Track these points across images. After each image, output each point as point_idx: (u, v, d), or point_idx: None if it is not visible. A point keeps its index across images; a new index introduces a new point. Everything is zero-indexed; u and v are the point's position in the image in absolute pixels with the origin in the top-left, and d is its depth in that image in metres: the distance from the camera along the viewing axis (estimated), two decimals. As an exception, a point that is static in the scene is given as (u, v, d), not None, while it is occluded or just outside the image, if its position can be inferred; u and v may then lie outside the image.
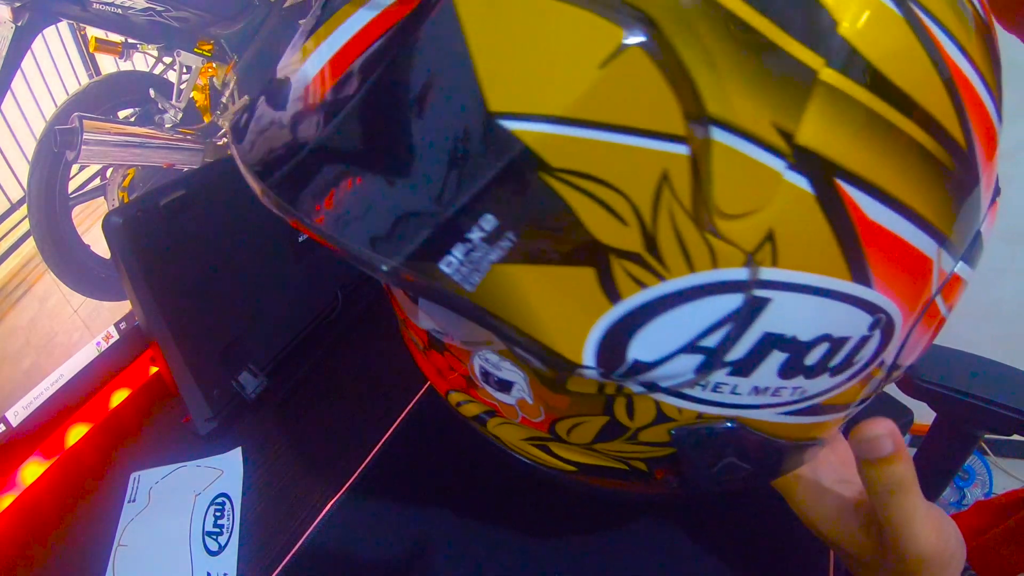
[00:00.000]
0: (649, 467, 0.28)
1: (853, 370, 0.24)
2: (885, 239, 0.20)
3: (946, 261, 0.23)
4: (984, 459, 1.27)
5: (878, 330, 0.23)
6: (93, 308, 0.55)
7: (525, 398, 0.27)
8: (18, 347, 0.49)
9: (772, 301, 0.20)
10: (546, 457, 0.29)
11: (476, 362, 0.26)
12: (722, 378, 0.22)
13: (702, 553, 0.40)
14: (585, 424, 0.26)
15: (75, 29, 0.52)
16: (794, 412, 0.25)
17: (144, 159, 0.59)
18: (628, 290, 0.19)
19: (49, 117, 0.50)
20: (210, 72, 0.65)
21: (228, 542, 0.42)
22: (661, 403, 0.24)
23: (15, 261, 0.49)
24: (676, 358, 0.21)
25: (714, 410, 0.24)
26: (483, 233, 0.17)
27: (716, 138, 0.17)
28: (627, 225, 0.18)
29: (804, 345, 0.22)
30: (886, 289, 0.22)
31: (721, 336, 0.20)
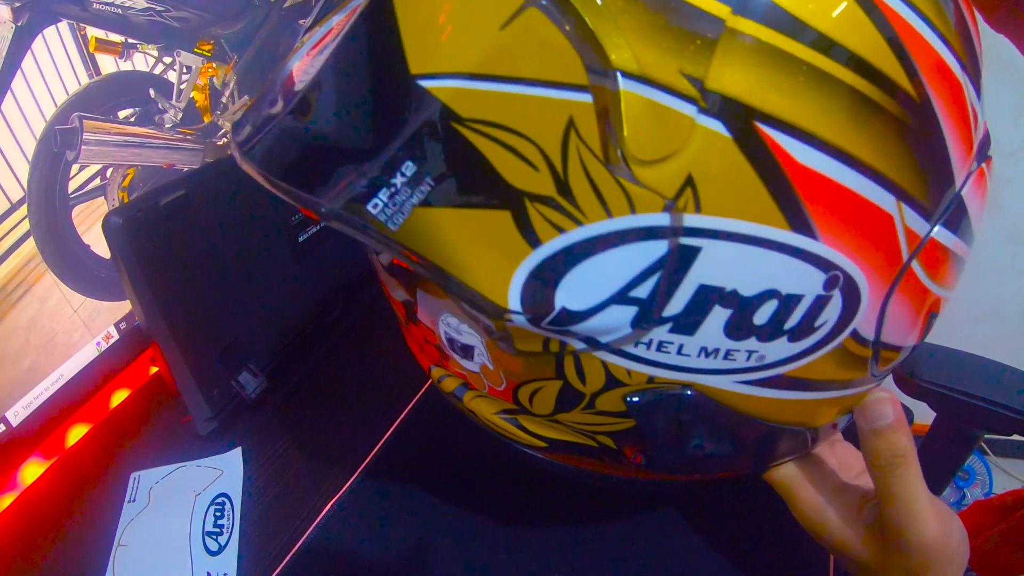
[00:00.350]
0: (617, 444, 0.28)
1: (817, 337, 0.23)
2: (824, 186, 0.20)
3: (914, 220, 0.22)
4: (984, 459, 1.27)
5: (837, 291, 0.22)
6: (93, 308, 0.55)
7: (486, 363, 0.28)
8: (18, 347, 0.49)
9: (703, 250, 0.20)
10: (518, 432, 0.30)
11: (441, 328, 0.28)
12: (665, 335, 0.22)
13: (703, 552, 0.40)
14: (543, 390, 0.27)
15: (75, 29, 0.52)
16: (758, 383, 0.24)
17: (144, 159, 0.59)
18: (546, 234, 0.20)
19: (49, 117, 0.50)
20: (210, 72, 0.65)
21: (228, 542, 0.42)
22: (608, 363, 0.24)
23: (15, 261, 0.49)
24: (607, 309, 0.21)
25: (665, 373, 0.24)
26: (404, 179, 0.19)
27: (623, 87, 0.18)
28: (537, 170, 0.19)
29: (748, 301, 0.21)
30: (838, 244, 0.21)
31: (651, 286, 0.21)
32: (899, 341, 0.26)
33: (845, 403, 0.28)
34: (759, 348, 0.23)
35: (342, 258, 0.63)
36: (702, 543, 0.41)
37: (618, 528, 0.42)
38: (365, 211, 0.19)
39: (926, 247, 0.23)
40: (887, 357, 0.27)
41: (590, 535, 0.41)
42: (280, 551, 0.41)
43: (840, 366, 0.25)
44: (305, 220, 0.57)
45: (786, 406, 0.26)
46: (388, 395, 0.54)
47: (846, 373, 0.26)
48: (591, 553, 0.40)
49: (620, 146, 0.19)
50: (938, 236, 0.24)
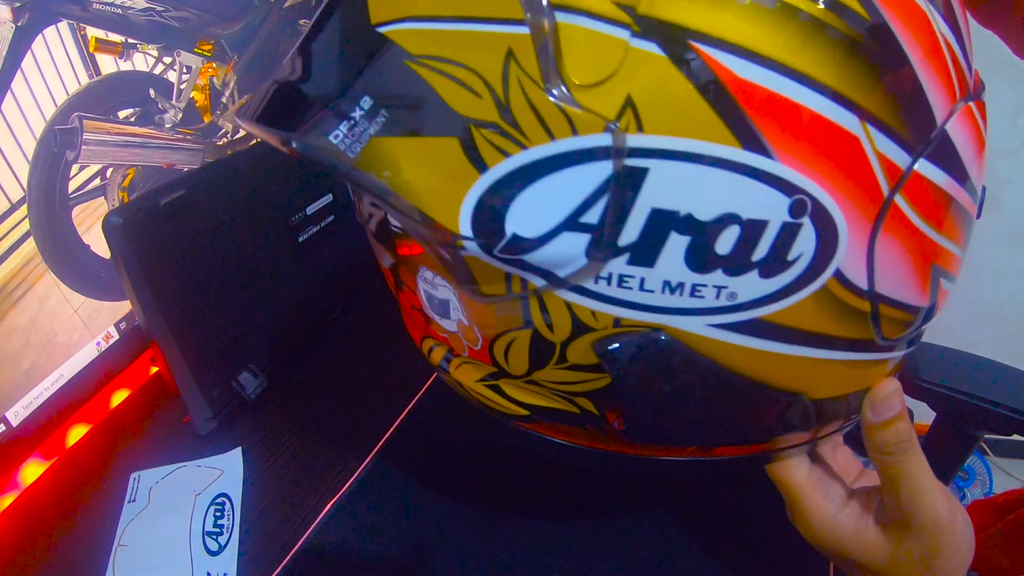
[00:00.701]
0: (598, 407, 0.27)
1: (793, 274, 0.22)
2: (771, 101, 0.20)
3: (888, 147, 0.21)
4: (984, 459, 1.27)
5: (807, 218, 0.21)
6: (93, 308, 0.55)
7: (461, 318, 0.28)
8: (18, 347, 0.49)
9: (650, 171, 0.20)
10: (501, 400, 0.30)
11: (421, 287, 0.29)
12: (624, 268, 0.22)
13: (703, 552, 0.40)
14: (516, 343, 0.26)
15: (75, 29, 0.52)
16: (733, 327, 0.23)
17: (144, 159, 0.59)
18: (492, 159, 0.21)
19: (49, 117, 0.50)
20: (210, 72, 0.65)
21: (228, 542, 0.42)
22: (572, 305, 0.23)
23: (15, 261, 0.49)
24: (559, 236, 0.21)
25: (631, 313, 0.23)
26: (362, 111, 0.21)
27: (559, 19, 0.20)
28: (480, 97, 0.20)
29: (706, 227, 0.21)
30: (799, 165, 0.20)
31: (601, 211, 0.21)
32: (899, 295, 0.25)
33: (848, 375, 0.27)
34: (728, 283, 0.22)
35: (342, 258, 0.63)
36: (703, 542, 0.41)
37: (618, 527, 0.42)
38: (327, 140, 0.21)
39: (910, 181, 0.22)
40: (890, 316, 0.25)
41: (590, 535, 0.41)
42: (280, 551, 0.41)
43: (832, 317, 0.24)
44: (305, 220, 0.57)
45: (775, 362, 0.24)
46: (388, 395, 0.54)
47: (842, 328, 0.24)
48: (591, 553, 0.40)
49: (557, 72, 0.20)
50: (924, 171, 0.23)
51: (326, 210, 0.60)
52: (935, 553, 0.27)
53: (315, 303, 0.61)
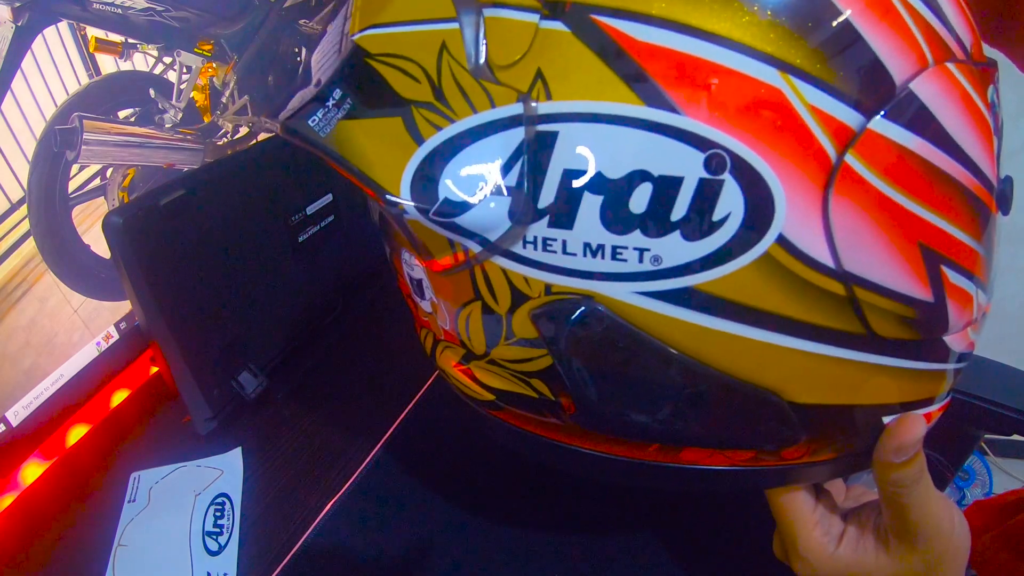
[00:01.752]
0: (552, 390, 0.27)
1: (723, 237, 0.21)
2: (672, 58, 0.20)
3: (822, 100, 0.21)
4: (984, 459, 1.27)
5: (728, 174, 0.21)
6: (93, 308, 0.55)
7: (432, 297, 0.30)
8: (18, 347, 0.49)
9: (559, 134, 0.22)
10: (472, 385, 0.31)
11: (404, 270, 0.31)
12: (546, 231, 0.23)
13: (702, 554, 0.40)
14: (472, 317, 0.28)
15: (75, 29, 0.52)
16: (662, 296, 0.23)
17: (144, 159, 0.59)
18: (427, 132, 0.24)
19: (49, 117, 0.50)
20: (210, 72, 0.65)
21: (228, 542, 0.42)
22: (507, 272, 0.25)
23: (15, 261, 0.49)
24: (484, 200, 0.23)
25: (559, 279, 0.24)
26: (333, 100, 0.26)
27: (485, 13, 0.23)
28: (419, 83, 0.24)
29: (617, 185, 0.21)
30: (711, 119, 0.20)
31: (517, 174, 0.23)
32: (878, 277, 0.23)
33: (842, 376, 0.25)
34: (649, 245, 0.22)
35: (342, 258, 0.63)
36: (701, 545, 0.41)
37: (618, 530, 0.42)
38: (306, 124, 0.26)
39: (867, 141, 0.21)
40: (875, 305, 0.23)
41: (589, 536, 0.41)
42: (280, 551, 0.41)
43: (791, 295, 0.22)
44: (305, 220, 0.57)
45: (725, 344, 0.23)
46: (388, 395, 0.54)
47: (813, 312, 0.23)
48: (590, 554, 0.40)
49: (479, 56, 0.23)
50: (886, 132, 0.21)
51: (326, 210, 0.59)
52: (940, 561, 0.27)
53: (315, 303, 0.61)
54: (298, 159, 0.56)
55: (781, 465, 0.28)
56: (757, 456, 0.27)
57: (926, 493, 0.26)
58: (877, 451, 0.27)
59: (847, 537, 0.29)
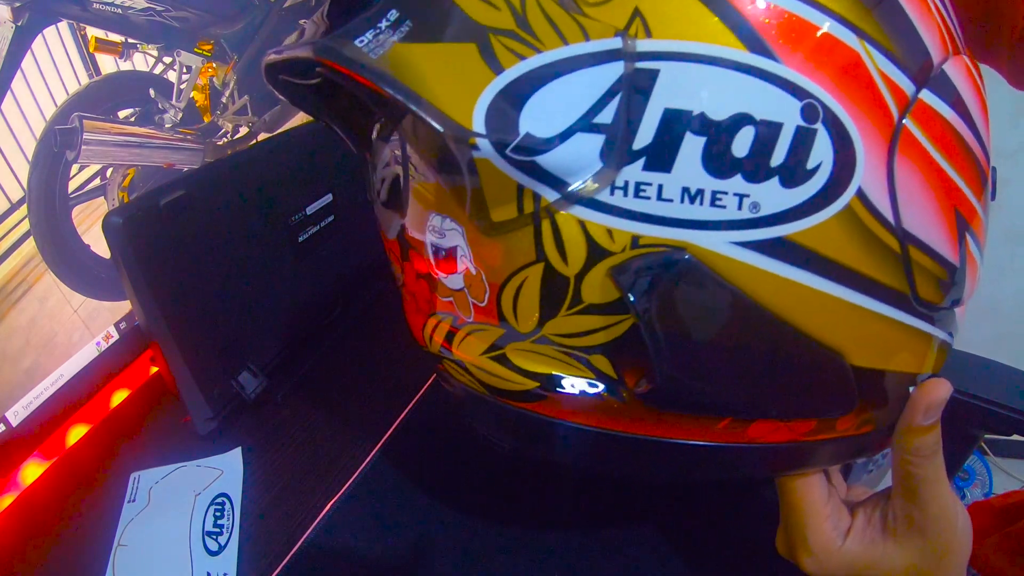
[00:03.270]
0: (616, 367, 0.25)
1: (816, 185, 0.22)
2: (773, 11, 0.21)
3: (888, 68, 0.22)
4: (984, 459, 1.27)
5: (821, 124, 0.21)
6: (93, 308, 0.55)
7: (468, 266, 0.27)
8: (18, 347, 0.49)
9: (661, 72, 0.21)
10: (508, 375, 0.28)
11: (428, 240, 0.28)
12: (640, 175, 0.22)
13: (702, 554, 0.40)
14: (526, 285, 0.25)
15: (75, 29, 0.52)
16: (757, 246, 0.22)
17: (144, 159, 0.59)
18: (508, 61, 0.21)
19: (49, 117, 0.50)
20: (210, 72, 0.65)
21: (228, 542, 0.42)
22: (586, 224, 0.23)
23: (15, 261, 0.49)
24: (573, 137, 0.21)
25: (650, 229, 0.22)
26: (388, 22, 0.22)
27: None
28: (499, 10, 0.22)
29: (721, 126, 0.21)
30: (806, 70, 0.21)
31: (614, 110, 0.21)
32: (927, 237, 0.24)
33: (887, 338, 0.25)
34: (750, 191, 0.22)
35: (342, 258, 0.63)
36: (702, 544, 0.41)
37: (618, 530, 0.42)
38: (352, 45, 0.22)
39: (919, 109, 0.23)
40: (922, 265, 0.25)
41: (590, 536, 0.41)
42: (280, 551, 0.41)
43: (861, 247, 0.23)
44: (305, 220, 0.57)
45: (805, 298, 0.23)
46: (388, 395, 0.54)
47: (873, 266, 0.24)
48: (591, 554, 0.40)
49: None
50: (931, 102, 0.24)
51: (326, 210, 0.60)
52: (946, 552, 0.27)
53: (315, 303, 0.61)
54: (298, 159, 0.56)
55: (834, 437, 0.28)
56: (816, 427, 0.27)
57: (939, 473, 0.27)
58: (904, 416, 0.28)
59: (854, 530, 0.29)
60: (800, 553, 0.30)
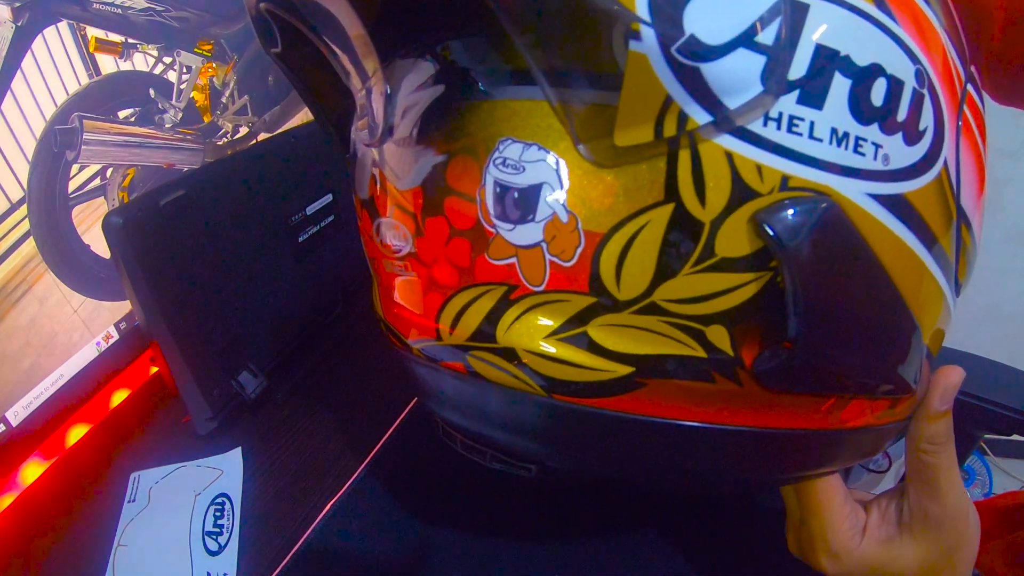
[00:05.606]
0: (735, 341, 0.22)
1: (924, 146, 0.22)
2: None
3: (955, 57, 0.24)
4: (984, 459, 1.27)
5: (926, 92, 0.22)
6: (93, 308, 0.55)
7: (558, 212, 0.22)
8: (18, 347, 0.49)
9: (811, 7, 0.20)
10: (588, 358, 0.23)
11: (491, 176, 0.23)
12: (794, 107, 0.20)
13: (702, 554, 0.40)
14: (644, 234, 0.21)
15: (75, 29, 0.52)
16: (887, 201, 0.22)
17: (144, 159, 0.59)
18: None
19: (49, 117, 0.50)
20: (210, 72, 0.65)
21: (228, 542, 0.42)
22: (735, 157, 0.20)
23: (15, 261, 0.49)
24: (736, 51, 0.19)
25: (800, 170, 0.21)
26: None
27: None
28: None
29: (861, 72, 0.21)
30: (915, 37, 0.22)
31: (775, 32, 0.19)
32: (971, 216, 0.26)
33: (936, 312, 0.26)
34: (883, 142, 0.22)
35: (342, 258, 0.63)
36: (702, 545, 0.41)
37: (620, 532, 0.42)
38: None
39: (968, 98, 0.25)
40: (965, 242, 0.26)
41: (591, 537, 0.41)
42: (280, 551, 0.41)
43: (943, 217, 0.24)
44: (305, 220, 0.57)
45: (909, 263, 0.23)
46: (388, 395, 0.54)
47: (945, 236, 0.25)
48: (592, 555, 0.40)
49: None
50: (973, 92, 0.25)
51: (326, 210, 0.60)
52: (959, 546, 0.28)
53: (315, 303, 0.61)
54: (298, 159, 0.56)
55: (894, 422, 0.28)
56: (887, 411, 0.27)
57: (953, 463, 0.28)
58: (922, 404, 0.28)
59: (870, 528, 0.29)
60: (819, 554, 0.30)
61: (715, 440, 0.25)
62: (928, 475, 0.28)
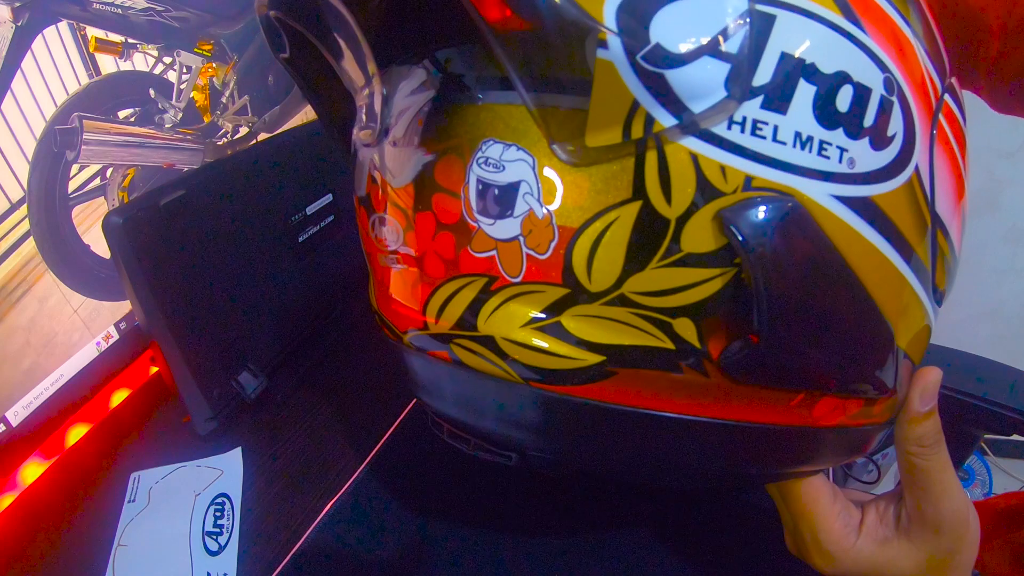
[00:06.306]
0: (701, 334, 0.23)
1: (892, 152, 0.23)
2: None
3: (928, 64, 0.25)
4: (984, 459, 1.27)
5: (895, 97, 0.23)
6: (93, 308, 0.55)
7: (535, 208, 0.23)
8: (18, 347, 0.49)
9: (777, 18, 0.21)
10: (561, 346, 0.24)
11: (474, 174, 0.24)
12: (757, 112, 0.21)
13: (702, 554, 0.40)
14: (612, 230, 0.23)
15: (75, 29, 0.52)
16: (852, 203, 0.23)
17: (144, 159, 0.59)
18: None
19: (49, 117, 0.50)
20: (210, 72, 0.65)
21: (228, 542, 0.42)
22: (699, 158, 0.21)
23: (15, 261, 0.49)
24: (701, 59, 0.20)
25: (764, 171, 0.22)
26: None
27: None
28: None
29: (827, 79, 0.22)
30: (884, 46, 0.23)
31: (739, 41, 0.20)
32: (948, 223, 0.27)
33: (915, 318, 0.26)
34: (849, 146, 0.22)
35: (342, 258, 0.63)
36: (701, 544, 0.41)
37: (620, 532, 0.42)
38: None
39: (944, 107, 0.25)
40: (942, 248, 0.27)
41: (591, 537, 0.41)
42: (280, 551, 0.41)
43: (915, 220, 0.25)
44: (305, 220, 0.57)
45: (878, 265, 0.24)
46: (388, 395, 0.54)
47: (918, 240, 0.25)
48: (592, 555, 0.40)
49: None
50: (950, 101, 0.26)
51: (326, 210, 0.60)
52: (958, 548, 0.28)
53: (315, 303, 0.61)
54: (298, 159, 0.56)
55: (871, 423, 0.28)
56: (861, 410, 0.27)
57: (945, 465, 0.27)
58: (904, 407, 0.28)
59: (866, 528, 0.29)
60: (814, 552, 0.30)
61: (685, 431, 0.26)
62: (921, 479, 0.28)
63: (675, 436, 0.26)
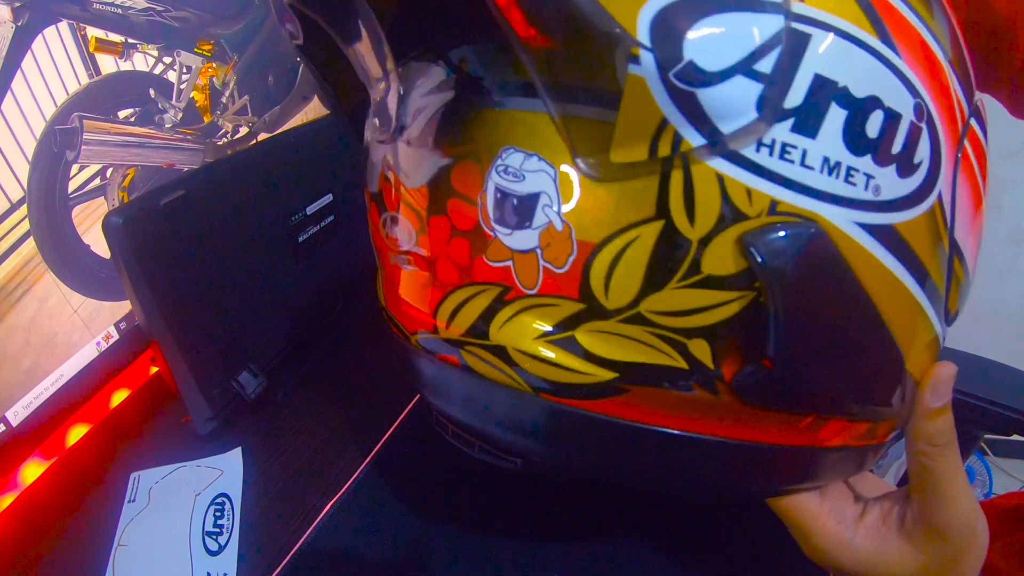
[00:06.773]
0: (716, 355, 0.23)
1: (917, 179, 0.23)
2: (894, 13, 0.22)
3: (958, 89, 0.24)
4: (984, 459, 1.27)
5: (924, 125, 0.23)
6: (93, 308, 0.55)
7: (554, 221, 0.23)
8: (18, 347, 0.49)
9: (812, 38, 0.21)
10: (574, 361, 0.24)
11: (492, 182, 0.24)
12: (787, 135, 0.21)
13: (701, 555, 0.40)
14: (633, 249, 0.22)
15: (75, 29, 0.52)
16: (874, 230, 0.22)
17: (144, 159, 0.59)
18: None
19: (49, 117, 0.50)
20: (210, 72, 0.65)
21: (228, 542, 0.42)
22: (725, 179, 0.21)
23: (15, 261, 0.49)
24: (734, 78, 0.20)
25: (790, 196, 0.21)
26: None
27: None
28: None
29: (858, 103, 0.21)
30: (916, 70, 0.22)
31: (773, 61, 0.20)
32: (966, 249, 0.26)
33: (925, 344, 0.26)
34: (875, 173, 0.22)
35: (342, 258, 0.63)
36: (701, 545, 0.41)
37: (620, 532, 0.42)
38: None
39: (970, 131, 0.25)
40: (957, 274, 0.26)
41: (592, 538, 0.41)
42: (280, 551, 0.41)
43: (933, 249, 0.24)
44: (305, 220, 0.57)
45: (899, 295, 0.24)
46: (388, 395, 0.54)
47: (936, 268, 0.25)
48: (592, 555, 0.40)
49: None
50: (975, 126, 0.26)
51: (326, 210, 0.60)
52: (963, 556, 0.27)
53: (315, 303, 0.61)
54: (298, 159, 0.56)
55: (873, 444, 0.28)
56: (867, 432, 0.27)
57: (958, 469, 0.27)
58: (916, 403, 0.27)
59: (867, 526, 0.29)
60: (814, 552, 0.30)
61: (693, 449, 0.26)
62: (930, 482, 0.27)
63: (682, 453, 0.26)
